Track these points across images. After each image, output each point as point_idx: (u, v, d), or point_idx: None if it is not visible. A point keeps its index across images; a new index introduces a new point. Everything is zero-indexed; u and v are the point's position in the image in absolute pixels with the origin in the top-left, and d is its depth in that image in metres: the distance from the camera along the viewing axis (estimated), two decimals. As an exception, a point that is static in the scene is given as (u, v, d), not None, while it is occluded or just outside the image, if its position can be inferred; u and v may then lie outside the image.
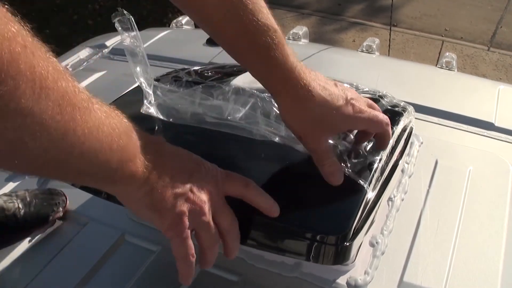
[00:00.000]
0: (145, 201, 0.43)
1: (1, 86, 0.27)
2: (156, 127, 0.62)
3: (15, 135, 0.30)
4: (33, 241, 0.68)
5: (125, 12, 0.54)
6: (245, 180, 0.48)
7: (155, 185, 0.42)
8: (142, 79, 0.60)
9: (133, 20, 0.55)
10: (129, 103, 0.69)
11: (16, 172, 0.35)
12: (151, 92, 0.60)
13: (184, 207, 0.43)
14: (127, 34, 0.55)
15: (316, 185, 0.53)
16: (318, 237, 0.47)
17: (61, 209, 0.70)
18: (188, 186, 0.44)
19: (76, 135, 0.34)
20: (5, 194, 0.68)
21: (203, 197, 0.44)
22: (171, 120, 0.60)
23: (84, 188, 0.59)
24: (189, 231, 0.44)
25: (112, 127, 0.38)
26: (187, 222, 0.43)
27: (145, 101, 0.61)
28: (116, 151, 0.38)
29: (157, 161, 0.43)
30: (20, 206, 0.68)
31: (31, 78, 0.29)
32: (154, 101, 0.60)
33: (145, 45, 1.16)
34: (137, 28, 0.56)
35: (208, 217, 0.45)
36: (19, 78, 0.28)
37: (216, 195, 0.46)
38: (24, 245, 0.67)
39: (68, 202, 0.72)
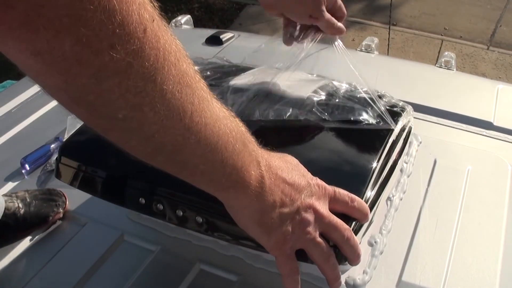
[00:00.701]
0: (254, 217, 0.42)
1: (128, 44, 0.28)
2: None
3: (136, 100, 0.30)
4: (33, 240, 0.68)
5: None
6: (350, 196, 0.48)
7: (265, 202, 0.41)
8: None
9: None
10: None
11: (132, 152, 0.35)
12: None
13: (290, 227, 0.43)
14: None
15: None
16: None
17: (61, 209, 0.70)
18: (296, 205, 0.43)
19: (194, 120, 0.33)
20: (5, 195, 0.69)
21: (309, 217, 0.44)
22: None
23: (83, 188, 0.59)
24: (293, 249, 0.44)
25: (229, 128, 0.37)
26: (291, 241, 0.43)
27: None
28: (231, 153, 0.37)
29: (269, 176, 0.41)
30: (20, 205, 0.68)
31: (155, 46, 0.29)
32: None
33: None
34: None
35: (314, 234, 0.44)
36: (145, 42, 0.28)
37: (322, 212, 0.45)
38: (24, 244, 0.67)
39: (67, 202, 0.72)
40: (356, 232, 0.49)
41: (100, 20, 0.26)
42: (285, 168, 0.44)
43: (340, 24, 0.61)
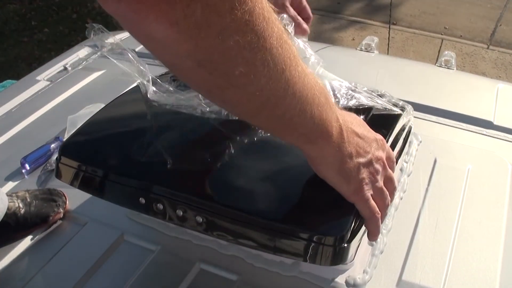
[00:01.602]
0: (335, 166, 0.47)
1: (244, 5, 0.33)
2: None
3: (251, 55, 0.35)
4: (33, 240, 0.68)
5: (95, 24, 0.56)
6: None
7: (345, 152, 0.47)
8: (139, 76, 0.60)
9: (104, 28, 0.57)
10: (129, 102, 0.69)
11: (239, 110, 0.42)
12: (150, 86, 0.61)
13: (365, 174, 0.49)
14: (108, 43, 0.57)
15: (314, 186, 0.53)
16: (315, 238, 0.47)
17: (61, 209, 0.70)
18: (369, 156, 0.49)
19: (291, 73, 0.38)
20: (5, 195, 0.69)
21: (378, 167, 0.50)
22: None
23: (84, 188, 0.59)
24: (370, 195, 0.49)
25: (314, 81, 0.42)
26: (367, 188, 0.49)
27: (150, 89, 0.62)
28: (317, 106, 0.42)
29: (346, 129, 0.47)
30: (21, 205, 0.68)
31: (261, 6, 0.34)
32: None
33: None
34: (112, 33, 0.58)
35: (381, 183, 0.50)
36: (255, 4, 0.34)
37: (385, 164, 0.51)
38: (24, 244, 0.67)
39: (68, 202, 0.72)
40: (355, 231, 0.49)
41: None
42: (355, 123, 0.50)
43: (305, 25, 0.64)
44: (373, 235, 0.52)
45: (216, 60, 0.35)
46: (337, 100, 0.64)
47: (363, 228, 0.51)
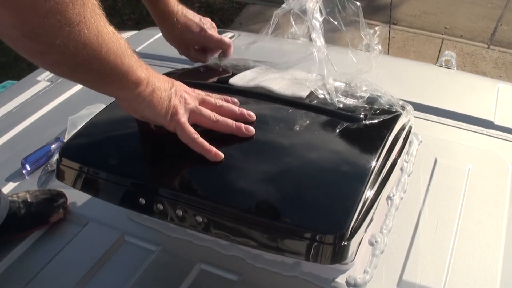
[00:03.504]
0: (149, 101, 0.54)
1: None
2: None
3: (70, 29, 0.43)
4: (34, 241, 0.68)
5: None
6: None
7: (154, 87, 0.54)
8: None
9: None
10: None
11: (55, 69, 0.50)
12: None
13: (176, 100, 0.56)
14: None
15: (314, 183, 0.53)
16: (315, 236, 0.47)
17: (61, 210, 0.70)
18: (173, 88, 0.57)
19: (103, 36, 0.47)
20: (6, 195, 0.69)
21: (184, 94, 0.58)
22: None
23: (84, 189, 0.59)
24: (185, 119, 0.56)
25: (119, 38, 0.50)
26: (181, 112, 0.56)
27: None
28: (126, 57, 0.50)
29: (149, 71, 0.55)
30: (21, 206, 0.68)
31: None
32: None
33: (144, 45, 1.16)
34: None
35: (194, 104, 0.58)
36: None
37: (195, 92, 0.59)
38: (25, 244, 0.67)
39: (68, 203, 0.72)
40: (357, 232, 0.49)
41: None
42: (160, 77, 0.57)
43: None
44: (206, 155, 0.55)
45: (40, 33, 0.43)
46: (337, 99, 0.64)
47: (364, 225, 0.51)
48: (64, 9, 0.42)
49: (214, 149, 0.54)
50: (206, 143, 0.55)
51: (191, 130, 0.56)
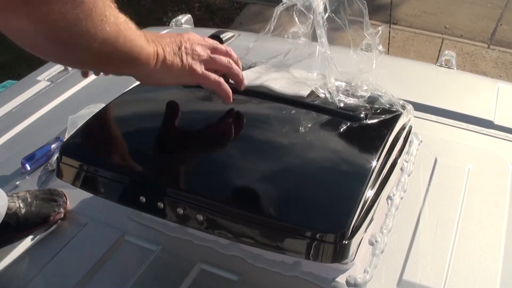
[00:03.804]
0: (163, 69, 0.56)
1: None
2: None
3: (93, 24, 0.45)
4: (34, 240, 0.68)
5: None
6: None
7: (163, 55, 0.56)
8: None
9: None
10: (129, 102, 0.69)
11: (77, 66, 0.56)
12: None
13: (189, 58, 0.59)
14: None
15: (315, 182, 0.53)
16: (316, 235, 0.48)
17: (62, 209, 0.70)
18: (182, 46, 0.59)
19: (119, 26, 0.48)
20: (6, 195, 0.69)
21: (195, 47, 0.60)
22: None
23: (84, 187, 0.59)
24: (202, 69, 0.59)
25: (129, 23, 0.52)
26: (196, 66, 0.59)
27: None
28: (137, 39, 0.52)
29: (158, 41, 0.56)
30: (21, 205, 0.68)
31: None
32: None
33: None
34: None
35: (206, 54, 0.60)
36: None
37: (203, 42, 0.62)
38: (25, 244, 0.67)
39: (68, 202, 0.72)
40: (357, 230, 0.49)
41: None
42: (159, 33, 0.60)
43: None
44: (226, 98, 0.61)
45: (66, 40, 0.45)
46: (338, 99, 0.64)
47: (364, 225, 0.51)
48: (89, 14, 0.44)
49: (231, 98, 0.62)
50: (230, 91, 0.61)
51: (213, 76, 0.60)
